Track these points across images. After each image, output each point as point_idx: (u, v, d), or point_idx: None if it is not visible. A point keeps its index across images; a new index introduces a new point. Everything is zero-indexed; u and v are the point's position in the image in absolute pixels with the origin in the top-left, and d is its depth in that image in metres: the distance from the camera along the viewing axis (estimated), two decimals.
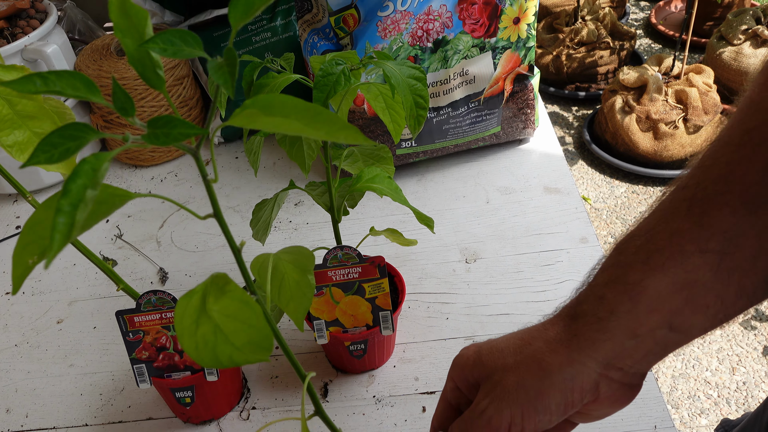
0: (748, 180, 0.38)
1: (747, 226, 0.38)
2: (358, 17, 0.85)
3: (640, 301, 0.40)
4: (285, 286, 0.42)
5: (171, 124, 0.28)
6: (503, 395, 0.44)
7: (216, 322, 0.31)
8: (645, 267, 0.40)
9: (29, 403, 0.75)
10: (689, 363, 1.67)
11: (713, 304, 0.40)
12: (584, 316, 0.42)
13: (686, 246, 0.39)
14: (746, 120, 0.40)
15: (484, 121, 0.95)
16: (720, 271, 0.39)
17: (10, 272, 0.92)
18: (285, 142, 0.68)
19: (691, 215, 0.40)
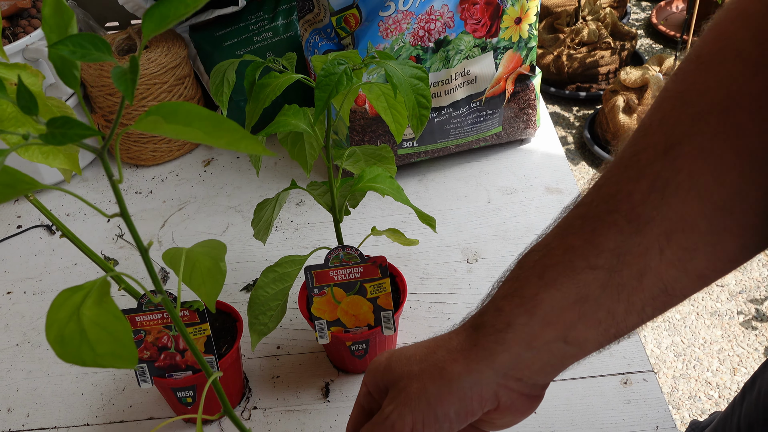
0: (634, 200, 0.40)
1: (633, 244, 0.40)
2: (360, 17, 0.85)
3: (536, 315, 0.42)
4: (196, 273, 0.45)
5: (68, 125, 0.29)
6: (406, 401, 0.45)
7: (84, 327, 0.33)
8: (540, 282, 0.42)
9: (30, 402, 0.75)
10: (690, 363, 1.67)
11: (605, 319, 0.41)
12: (484, 327, 0.44)
13: (577, 262, 0.41)
14: (636, 142, 0.41)
15: (486, 121, 0.95)
16: (609, 288, 0.40)
17: (10, 272, 0.92)
18: (287, 141, 0.68)
19: (583, 232, 0.41)
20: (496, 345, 0.43)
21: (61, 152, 0.54)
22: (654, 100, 0.42)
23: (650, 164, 0.40)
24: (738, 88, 0.38)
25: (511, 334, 0.42)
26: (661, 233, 0.39)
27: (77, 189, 1.05)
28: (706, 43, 0.40)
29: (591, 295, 0.41)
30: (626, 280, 0.40)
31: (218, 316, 0.70)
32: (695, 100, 0.39)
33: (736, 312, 1.78)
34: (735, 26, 0.39)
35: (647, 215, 0.39)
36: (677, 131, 0.39)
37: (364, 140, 0.93)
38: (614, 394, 0.68)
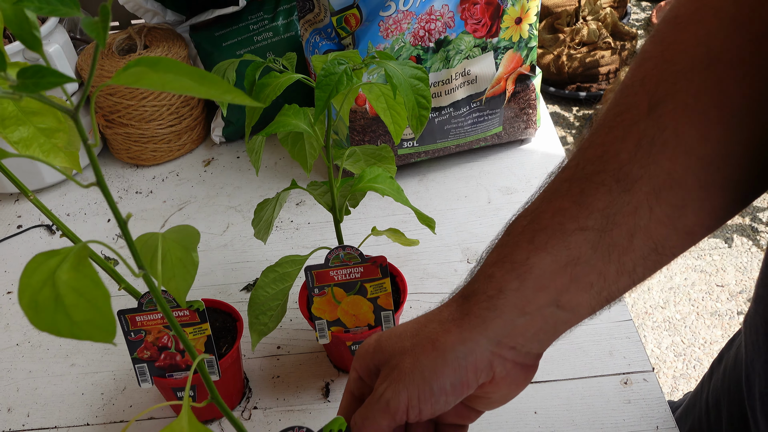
0: (621, 159, 0.40)
1: (622, 203, 0.40)
2: (360, 17, 0.85)
3: (527, 279, 0.41)
4: (167, 264, 0.42)
5: (40, 74, 0.28)
6: (400, 377, 0.44)
7: (59, 292, 0.31)
8: (530, 246, 0.42)
9: (30, 402, 0.75)
10: (690, 363, 1.67)
11: (596, 281, 0.41)
12: (475, 294, 0.43)
13: (567, 224, 0.41)
14: (619, 103, 0.41)
15: (486, 121, 0.95)
16: (599, 248, 0.40)
17: (10, 272, 0.92)
18: (287, 141, 0.68)
19: (571, 194, 0.41)
20: (489, 312, 0.42)
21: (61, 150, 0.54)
22: (633, 62, 0.42)
23: (635, 123, 0.40)
24: (718, 45, 0.38)
25: (503, 300, 0.42)
26: (650, 191, 0.39)
27: (78, 188, 1.06)
28: (683, 5, 0.41)
29: (582, 257, 0.40)
30: (617, 240, 0.40)
31: (218, 316, 0.70)
32: (676, 58, 0.39)
33: (736, 312, 1.78)
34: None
35: (635, 173, 0.39)
36: (660, 89, 0.39)
37: (364, 140, 0.93)
38: (614, 394, 0.68)
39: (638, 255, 0.40)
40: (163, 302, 0.39)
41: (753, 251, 1.93)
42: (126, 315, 0.62)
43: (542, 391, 0.69)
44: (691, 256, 1.94)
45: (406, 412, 0.44)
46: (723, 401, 0.67)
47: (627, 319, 0.75)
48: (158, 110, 1.02)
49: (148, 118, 1.02)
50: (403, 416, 0.44)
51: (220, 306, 0.71)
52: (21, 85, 0.28)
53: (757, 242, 1.95)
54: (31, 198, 0.56)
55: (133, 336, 0.63)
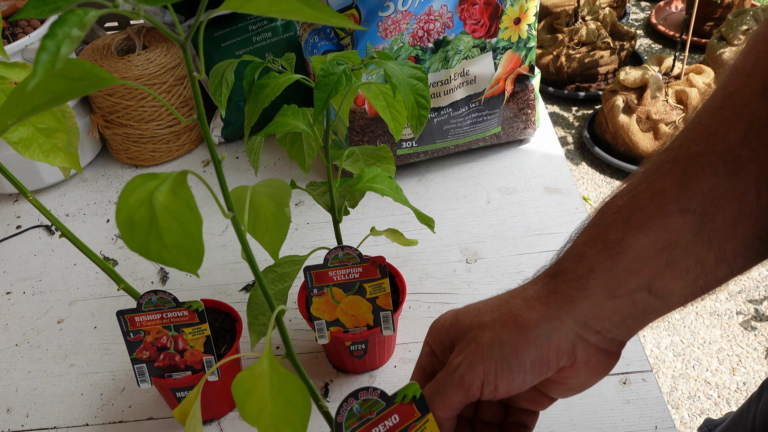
0: (730, 141, 0.38)
1: (728, 187, 0.38)
2: (359, 17, 0.85)
3: (620, 261, 0.40)
4: (261, 219, 0.41)
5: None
6: (477, 351, 0.42)
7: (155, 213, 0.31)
8: (626, 226, 0.40)
9: (30, 402, 0.75)
10: (689, 363, 1.67)
11: (693, 268, 0.39)
12: (563, 273, 0.42)
13: (667, 206, 0.39)
14: (728, 84, 0.39)
15: (485, 121, 0.95)
16: (701, 233, 0.38)
17: (10, 272, 0.92)
18: (286, 142, 0.68)
19: (672, 175, 0.39)
20: (577, 291, 0.40)
21: (61, 151, 0.54)
22: (746, 42, 0.40)
23: (746, 105, 0.38)
24: None
25: (593, 280, 0.40)
26: (759, 176, 0.37)
27: (77, 189, 1.05)
28: None
29: (681, 240, 0.38)
30: (719, 226, 0.38)
31: (217, 317, 0.70)
32: None
33: (735, 312, 1.78)
34: None
35: (745, 156, 0.37)
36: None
37: (363, 140, 0.93)
38: (613, 394, 0.68)
39: (741, 243, 0.38)
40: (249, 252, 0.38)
41: None
42: (125, 315, 0.62)
43: None
44: None
45: (480, 388, 0.42)
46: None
47: None
48: (157, 110, 1.02)
49: (147, 118, 1.02)
50: (477, 392, 0.42)
51: (220, 306, 0.71)
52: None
53: None
54: (30, 198, 0.56)
55: (132, 336, 0.63)
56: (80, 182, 1.07)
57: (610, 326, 0.41)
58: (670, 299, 0.40)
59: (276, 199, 0.42)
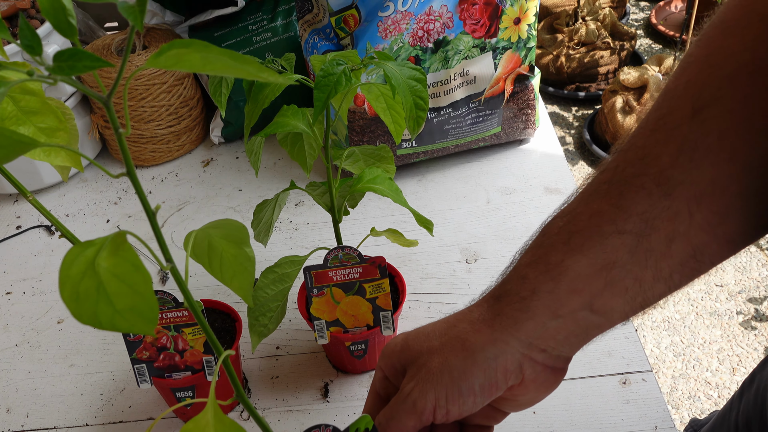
0: (663, 163, 0.39)
1: (662, 208, 0.39)
2: (359, 17, 0.85)
3: (562, 281, 0.41)
4: (225, 263, 0.41)
5: (76, 57, 0.28)
6: (428, 377, 0.43)
7: (101, 279, 0.30)
8: (566, 248, 0.41)
9: (30, 402, 0.75)
10: (689, 363, 1.67)
11: (632, 286, 0.40)
12: (507, 295, 0.43)
13: (605, 227, 0.40)
14: (661, 106, 0.41)
15: (485, 121, 0.95)
16: (637, 253, 0.39)
17: (9, 272, 0.92)
18: (286, 142, 0.68)
19: (609, 197, 0.40)
20: (521, 313, 0.42)
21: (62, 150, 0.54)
22: (677, 65, 0.41)
23: (678, 127, 0.39)
24: (765, 50, 0.37)
25: (536, 301, 0.41)
26: (691, 197, 0.38)
27: (77, 189, 1.05)
28: (730, 9, 0.40)
29: (618, 260, 0.40)
30: (655, 245, 0.39)
31: (217, 317, 0.70)
32: (722, 63, 0.39)
33: (735, 312, 1.78)
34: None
35: (677, 178, 0.38)
36: (705, 94, 0.39)
37: (363, 140, 0.93)
38: (613, 394, 0.68)
39: (676, 261, 0.40)
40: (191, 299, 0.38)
41: (752, 251, 1.93)
42: None
43: None
44: None
45: (432, 412, 0.43)
46: (754, 423, 0.67)
47: None
48: (157, 111, 1.02)
49: (147, 118, 1.02)
50: (429, 416, 0.43)
51: (219, 306, 0.71)
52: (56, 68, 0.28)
53: (756, 242, 1.95)
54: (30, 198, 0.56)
55: (132, 336, 0.63)
56: (80, 182, 1.07)
57: (555, 344, 0.43)
58: (611, 316, 0.42)
59: (234, 241, 0.42)
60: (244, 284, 0.41)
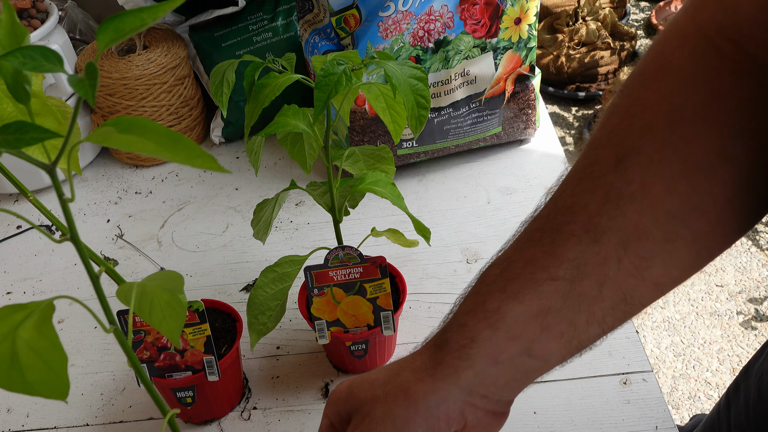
0: (590, 211, 0.41)
1: (591, 254, 0.40)
2: (360, 17, 0.85)
3: (499, 329, 0.42)
4: (156, 308, 0.43)
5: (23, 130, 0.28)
6: (371, 426, 0.44)
7: (17, 350, 0.31)
8: (503, 295, 0.42)
9: (30, 402, 0.75)
10: (690, 363, 1.67)
11: (567, 330, 0.42)
12: (448, 343, 0.44)
13: (538, 274, 0.41)
14: (588, 155, 0.42)
15: (485, 121, 0.95)
16: (570, 298, 0.41)
17: (10, 272, 0.92)
18: (286, 142, 0.68)
19: (542, 245, 0.42)
20: (461, 361, 0.43)
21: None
22: (602, 115, 0.43)
23: (603, 176, 0.41)
24: (681, 102, 0.40)
25: (475, 349, 0.42)
26: (618, 242, 0.40)
27: (77, 189, 1.05)
28: (649, 62, 0.42)
29: (553, 306, 0.41)
30: (587, 290, 0.41)
31: (218, 316, 0.70)
32: (642, 113, 0.41)
33: (735, 312, 1.78)
34: (673, 45, 0.41)
35: (603, 225, 0.40)
36: (627, 143, 0.41)
37: (363, 140, 0.93)
38: (614, 394, 0.68)
39: (607, 305, 0.41)
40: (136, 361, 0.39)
41: (752, 251, 1.93)
42: (125, 316, 0.62)
43: (542, 391, 0.69)
44: None
45: None
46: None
47: None
48: (157, 111, 1.02)
49: (147, 118, 1.02)
50: None
51: (220, 306, 0.71)
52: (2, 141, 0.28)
53: (756, 242, 1.95)
54: (31, 198, 0.56)
55: (132, 336, 0.63)
56: (80, 182, 1.07)
57: (496, 390, 0.44)
58: (550, 359, 0.43)
59: (169, 289, 0.43)
60: (173, 327, 0.42)
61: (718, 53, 0.39)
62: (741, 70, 0.39)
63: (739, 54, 0.39)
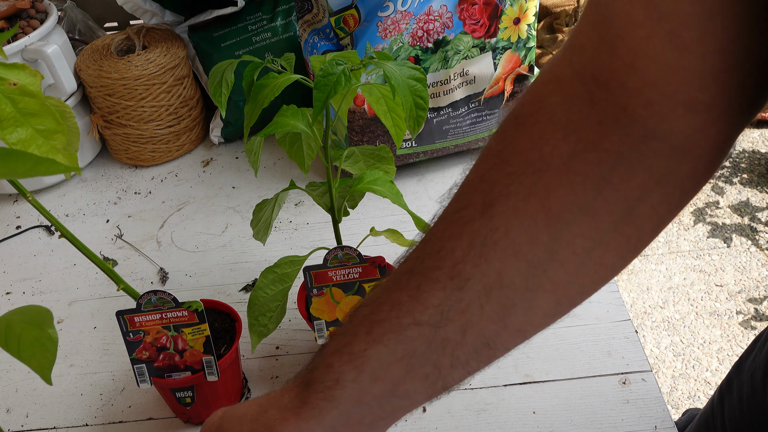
0: (456, 257, 0.41)
1: (455, 300, 0.40)
2: (359, 17, 0.85)
3: (364, 371, 0.42)
4: (24, 344, 0.42)
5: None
6: None
7: None
8: (368, 338, 0.42)
9: (29, 403, 0.75)
10: (689, 363, 1.67)
11: (431, 373, 0.42)
12: (314, 383, 0.44)
13: (403, 318, 0.41)
14: (459, 198, 0.42)
15: (485, 121, 0.95)
16: (434, 343, 0.41)
17: (9, 272, 0.92)
18: (285, 142, 0.68)
19: (408, 288, 0.42)
20: (326, 402, 0.43)
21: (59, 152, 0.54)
22: (478, 156, 0.43)
23: (470, 222, 0.41)
24: (549, 150, 0.39)
25: (340, 390, 0.42)
26: (481, 290, 0.40)
27: (77, 189, 1.06)
28: (524, 104, 0.42)
29: (417, 350, 0.41)
30: (450, 335, 0.41)
31: (217, 317, 0.70)
32: (511, 159, 0.41)
33: (735, 312, 1.78)
34: (548, 89, 0.41)
35: (467, 272, 0.40)
36: (495, 190, 0.40)
37: (363, 140, 0.93)
38: (613, 394, 0.68)
39: (471, 349, 0.41)
40: None
41: (752, 251, 1.93)
42: (125, 315, 0.62)
43: (541, 391, 0.69)
44: (690, 255, 1.94)
45: None
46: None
47: (625, 319, 0.75)
48: (157, 111, 1.02)
49: (146, 118, 1.02)
50: None
51: (219, 306, 0.71)
52: None
53: (756, 242, 1.95)
54: (30, 199, 0.56)
55: (131, 336, 0.63)
56: (80, 183, 1.07)
57: (362, 429, 0.44)
58: (415, 398, 0.43)
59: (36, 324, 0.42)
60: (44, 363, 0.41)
61: (590, 101, 0.39)
62: (609, 119, 0.38)
63: (610, 102, 0.38)
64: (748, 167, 2.20)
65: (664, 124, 0.37)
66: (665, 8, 0.34)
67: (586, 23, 0.39)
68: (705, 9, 0.34)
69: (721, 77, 0.35)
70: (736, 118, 0.38)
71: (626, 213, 0.39)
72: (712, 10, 0.33)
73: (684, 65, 0.35)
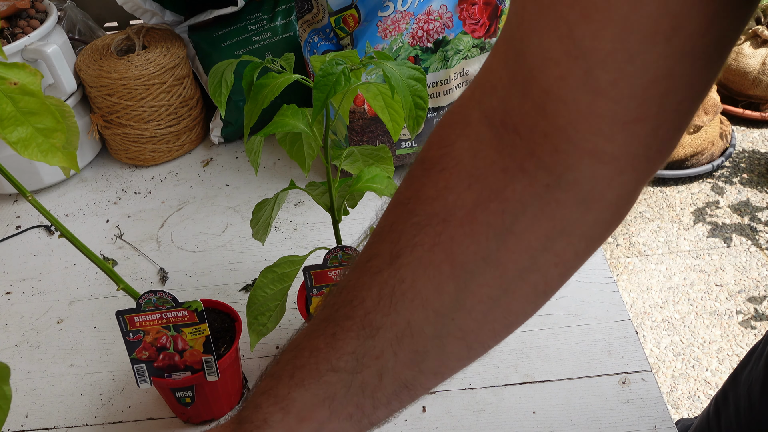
0: (367, 307, 0.41)
1: (368, 347, 0.41)
2: (359, 17, 0.85)
3: (290, 412, 0.43)
4: None
5: None
6: None
7: None
8: (291, 381, 0.43)
9: (29, 402, 0.75)
10: (689, 363, 1.67)
11: (355, 413, 0.43)
12: (245, 422, 0.45)
13: (321, 365, 0.42)
14: (371, 247, 0.43)
15: None
16: (353, 387, 0.42)
17: (10, 272, 0.92)
18: (285, 142, 0.68)
19: (325, 336, 0.43)
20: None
21: (59, 151, 0.54)
22: (390, 201, 0.43)
23: (380, 272, 0.41)
24: (453, 200, 0.39)
25: (269, 430, 0.43)
26: (393, 338, 0.41)
27: (77, 189, 1.06)
28: (432, 146, 0.41)
29: (337, 394, 0.42)
30: (368, 380, 0.42)
31: (217, 316, 0.70)
32: (418, 209, 0.40)
33: (735, 311, 1.78)
34: (456, 133, 0.39)
35: (378, 322, 0.41)
36: (402, 240, 0.40)
37: (362, 140, 0.93)
38: (613, 393, 0.68)
39: (390, 392, 0.42)
40: None
41: (752, 251, 1.93)
42: (124, 315, 0.62)
43: (541, 390, 0.69)
44: (690, 255, 1.94)
45: None
46: None
47: (625, 319, 0.75)
48: (157, 111, 1.02)
49: (146, 118, 1.02)
50: None
51: (219, 306, 0.71)
52: None
53: (755, 242, 1.95)
54: (30, 198, 0.56)
55: (131, 336, 0.63)
56: (80, 182, 1.07)
57: None
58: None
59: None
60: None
61: (498, 146, 0.37)
62: (515, 167, 0.37)
63: (518, 148, 0.36)
64: (748, 167, 2.20)
65: (569, 174, 0.36)
66: (585, 45, 0.32)
67: (497, 59, 0.37)
68: (625, 48, 0.31)
69: (631, 127, 0.33)
70: (644, 168, 0.36)
71: (531, 262, 0.39)
72: (633, 50, 0.31)
73: (595, 111, 0.33)
